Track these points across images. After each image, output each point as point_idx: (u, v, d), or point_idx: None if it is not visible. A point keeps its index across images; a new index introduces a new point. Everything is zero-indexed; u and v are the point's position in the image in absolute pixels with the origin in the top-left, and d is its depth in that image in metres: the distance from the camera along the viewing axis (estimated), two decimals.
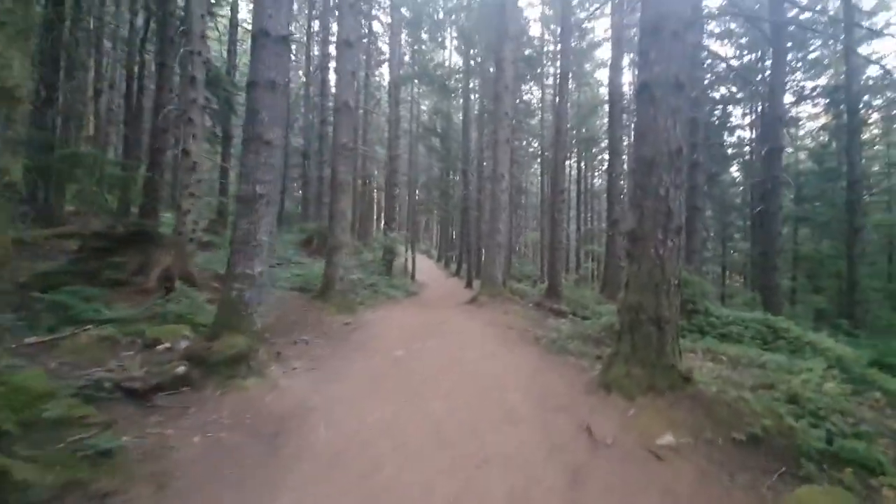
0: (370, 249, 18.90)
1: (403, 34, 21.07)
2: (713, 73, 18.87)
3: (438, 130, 20.34)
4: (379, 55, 22.91)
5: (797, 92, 19.36)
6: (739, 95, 20.72)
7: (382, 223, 24.76)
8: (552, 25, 22.47)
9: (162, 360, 4.51)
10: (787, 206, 17.85)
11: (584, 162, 27.85)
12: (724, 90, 20.56)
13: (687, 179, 8.25)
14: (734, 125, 22.30)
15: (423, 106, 22.61)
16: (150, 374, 3.89)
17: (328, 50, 19.55)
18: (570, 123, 18.11)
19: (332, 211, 8.52)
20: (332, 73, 17.86)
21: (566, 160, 15.76)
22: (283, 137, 4.76)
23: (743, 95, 20.58)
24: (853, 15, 12.28)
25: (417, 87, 22.05)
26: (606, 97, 27.96)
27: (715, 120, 20.47)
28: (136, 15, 14.27)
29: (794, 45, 16.87)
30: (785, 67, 12.57)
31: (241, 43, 21.61)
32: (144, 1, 12.85)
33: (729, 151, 22.23)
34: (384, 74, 24.74)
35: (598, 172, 33.08)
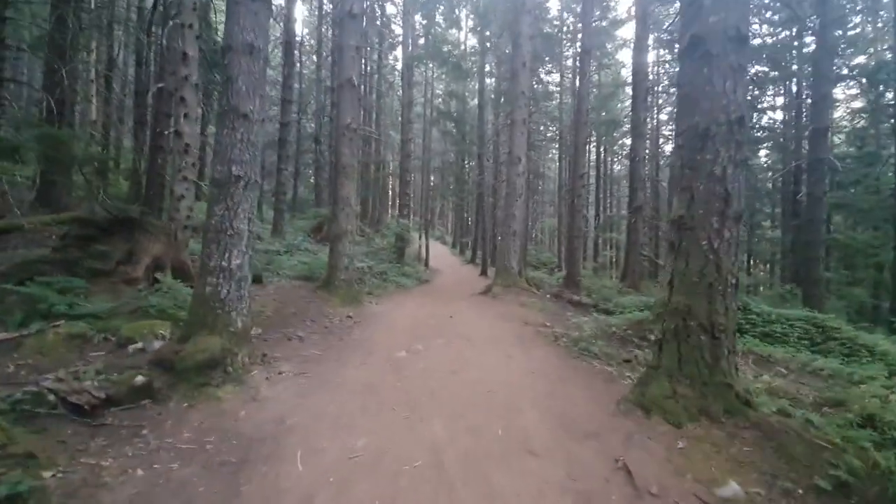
0: (383, 236, 18.28)
1: (417, 15, 20.02)
2: None
3: (453, 113, 19.37)
4: (392, 36, 21.90)
5: (834, 72, 17.68)
6: (772, 75, 19.11)
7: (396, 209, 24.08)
8: (573, 4, 21.08)
9: (131, 363, 3.92)
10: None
11: (603, 146, 26.49)
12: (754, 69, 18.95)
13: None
14: (765, 106, 20.68)
15: (437, 90, 21.63)
16: (105, 384, 3.29)
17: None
18: (590, 106, 16.92)
19: (335, 196, 7.82)
20: None
21: (586, 144, 14.64)
22: (264, 110, 4.05)
23: (776, 75, 18.97)
24: None
25: (431, 70, 21.03)
26: (628, 78, 26.57)
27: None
28: None
29: (833, 21, 15.27)
30: (831, 41, 11.22)
31: None
32: None
33: (759, 135, 20.66)
34: (398, 57, 23.76)
35: (618, 158, 31.64)
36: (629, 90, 26.38)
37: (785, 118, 20.25)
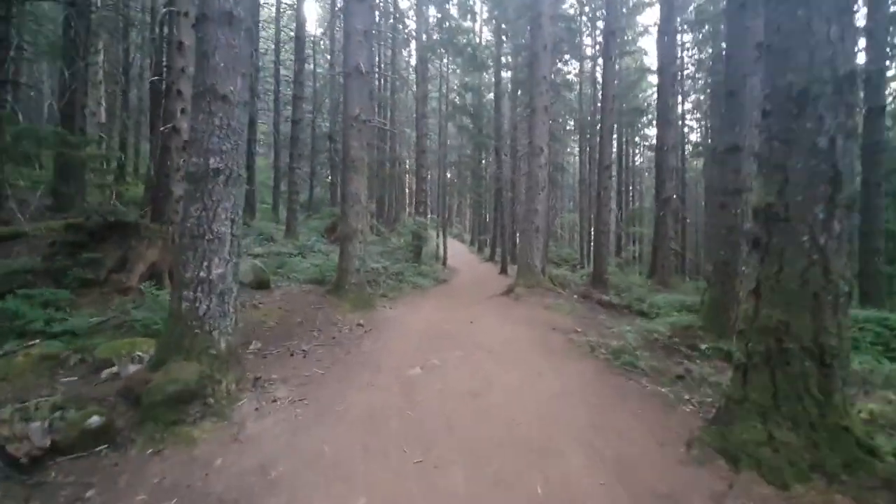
0: (399, 235, 17.65)
1: (432, 8, 19.22)
2: None
3: (469, 109, 18.54)
4: (405, 32, 21.15)
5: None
6: None
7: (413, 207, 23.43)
8: None
9: (101, 392, 3.32)
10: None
11: (625, 137, 25.21)
12: None
13: None
14: None
15: (452, 84, 20.83)
16: (59, 424, 2.68)
17: None
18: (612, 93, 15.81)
19: (343, 193, 7.16)
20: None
21: (612, 132, 13.58)
22: (247, 90, 3.38)
23: None
24: None
25: (446, 64, 20.24)
26: (651, 66, 25.17)
27: None
28: None
29: None
30: (886, 8, 9.93)
31: (264, 25, 20.49)
32: None
33: None
34: (412, 53, 23.02)
35: (639, 149, 30.24)
36: (651, 79, 25.09)
37: None
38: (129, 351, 3.79)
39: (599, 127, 11.98)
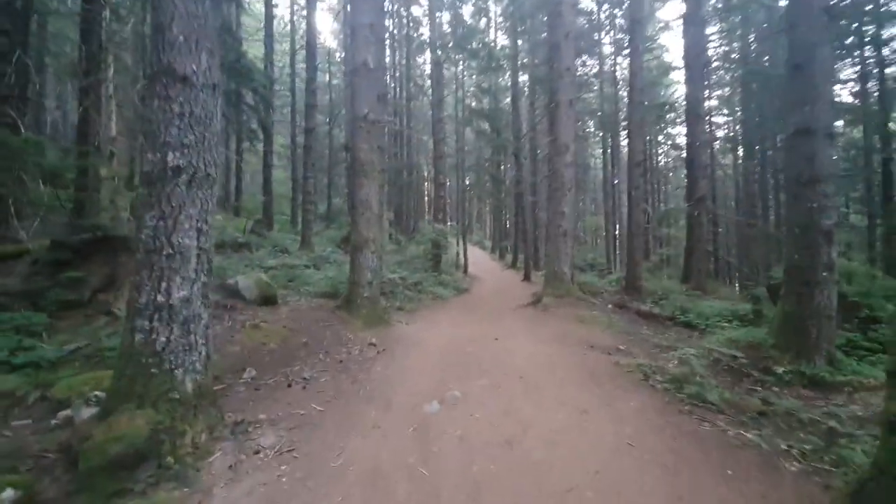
0: (417, 243, 16.96)
1: (445, 13, 18.70)
2: None
3: (486, 112, 17.82)
4: (419, 40, 20.66)
5: None
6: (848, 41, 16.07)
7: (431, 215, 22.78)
8: None
9: (47, 443, 2.67)
10: None
11: (648, 136, 23.94)
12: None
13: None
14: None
15: (468, 88, 20.19)
16: None
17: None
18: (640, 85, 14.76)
19: (352, 199, 6.50)
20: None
21: (642, 126, 12.44)
22: (217, 73, 2.70)
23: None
24: None
25: (462, 69, 19.62)
26: (671, 63, 23.90)
27: None
28: None
29: None
30: None
31: (279, 38, 20.35)
32: None
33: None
34: (426, 60, 22.51)
35: (663, 149, 28.79)
36: (673, 76, 23.83)
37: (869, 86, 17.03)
38: (92, 388, 3.14)
39: (627, 122, 11.03)
